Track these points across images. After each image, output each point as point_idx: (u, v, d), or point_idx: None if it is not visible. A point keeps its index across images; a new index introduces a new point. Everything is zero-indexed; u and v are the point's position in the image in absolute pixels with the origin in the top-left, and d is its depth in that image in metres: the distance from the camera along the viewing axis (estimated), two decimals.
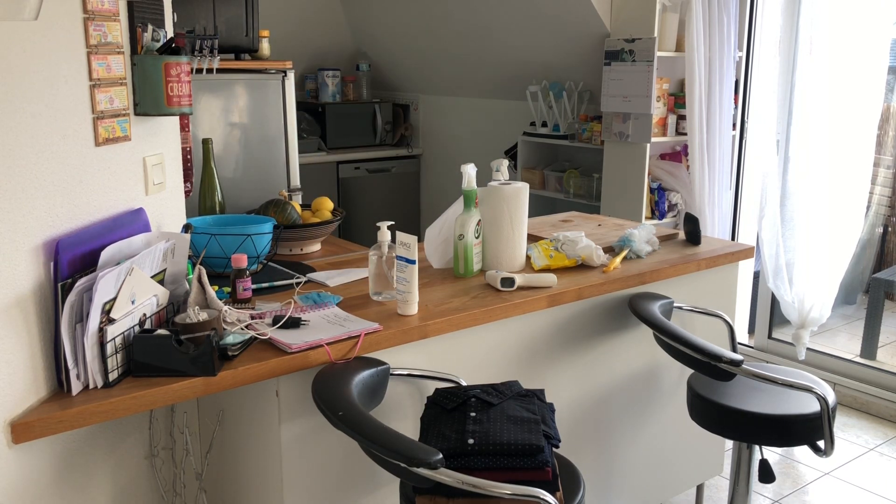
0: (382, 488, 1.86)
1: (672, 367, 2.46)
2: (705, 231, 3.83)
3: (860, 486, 2.97)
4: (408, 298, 1.86)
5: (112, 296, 1.48)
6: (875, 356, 3.95)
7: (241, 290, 1.87)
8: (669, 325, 2.07)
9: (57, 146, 1.49)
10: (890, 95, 4.16)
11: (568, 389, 2.22)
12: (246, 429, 1.81)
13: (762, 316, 4.00)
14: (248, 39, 3.04)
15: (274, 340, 1.67)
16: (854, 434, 3.38)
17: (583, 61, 4.11)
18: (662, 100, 3.77)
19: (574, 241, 2.30)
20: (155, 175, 1.81)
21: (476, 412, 1.58)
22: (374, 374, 1.69)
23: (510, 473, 1.46)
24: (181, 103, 1.75)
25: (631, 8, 3.71)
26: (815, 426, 1.96)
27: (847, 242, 3.53)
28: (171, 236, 1.71)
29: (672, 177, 3.92)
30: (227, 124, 3.02)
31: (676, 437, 2.57)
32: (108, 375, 1.48)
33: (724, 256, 2.52)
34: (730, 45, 3.76)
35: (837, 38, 3.41)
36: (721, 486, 2.93)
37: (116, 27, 1.63)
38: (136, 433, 1.80)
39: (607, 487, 2.42)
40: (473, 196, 2.16)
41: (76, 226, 1.54)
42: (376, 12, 5.06)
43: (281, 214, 2.52)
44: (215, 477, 1.97)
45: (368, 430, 1.43)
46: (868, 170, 3.46)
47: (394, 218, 2.50)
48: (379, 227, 1.96)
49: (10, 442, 1.39)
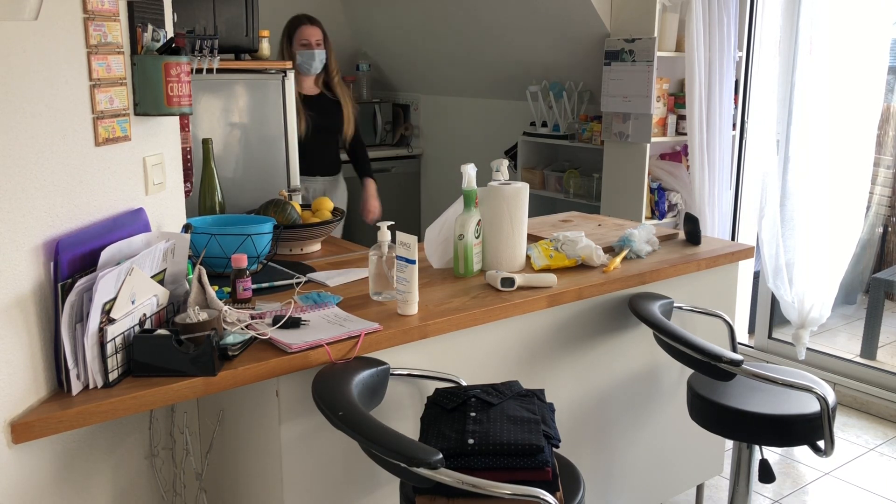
0: (382, 488, 1.86)
1: (672, 367, 2.46)
2: (705, 231, 3.83)
3: (860, 486, 2.97)
4: (408, 298, 1.86)
5: (112, 296, 1.48)
6: (875, 356, 3.95)
7: (241, 290, 1.87)
8: (669, 325, 2.07)
9: (57, 146, 1.49)
10: (890, 95, 4.16)
11: (568, 389, 2.22)
12: (246, 429, 1.81)
13: (762, 316, 4.00)
14: (248, 39, 3.03)
15: (274, 340, 1.67)
16: (854, 434, 3.38)
17: (583, 61, 4.11)
18: (662, 100, 3.77)
19: (574, 241, 2.30)
20: (155, 175, 1.81)
21: (476, 412, 1.58)
22: (374, 374, 1.69)
23: (510, 473, 1.46)
24: (181, 103, 1.75)
25: (631, 8, 3.71)
26: (815, 426, 1.96)
27: (847, 242, 3.53)
28: (171, 236, 1.71)
29: (672, 177, 3.92)
30: (227, 124, 3.02)
31: (676, 437, 2.57)
32: (108, 375, 1.48)
33: (724, 256, 2.52)
34: (730, 45, 3.76)
35: (837, 38, 3.41)
36: (721, 486, 2.93)
37: (116, 27, 1.63)
38: (136, 433, 1.80)
39: (607, 487, 2.42)
40: (473, 196, 2.16)
41: (76, 226, 1.54)
42: (376, 12, 5.06)
43: (281, 214, 2.52)
44: (215, 477, 1.97)
45: (368, 430, 1.43)
46: (868, 170, 3.46)
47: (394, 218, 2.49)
48: (379, 227, 1.96)
49: (10, 442, 1.39)
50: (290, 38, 3.37)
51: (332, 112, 3.48)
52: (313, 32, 3.35)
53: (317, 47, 3.35)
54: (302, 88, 3.37)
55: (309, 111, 3.36)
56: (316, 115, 3.38)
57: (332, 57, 3.46)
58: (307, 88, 3.43)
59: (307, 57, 3.34)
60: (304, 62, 3.35)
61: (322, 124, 3.41)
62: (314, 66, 3.38)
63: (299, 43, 3.34)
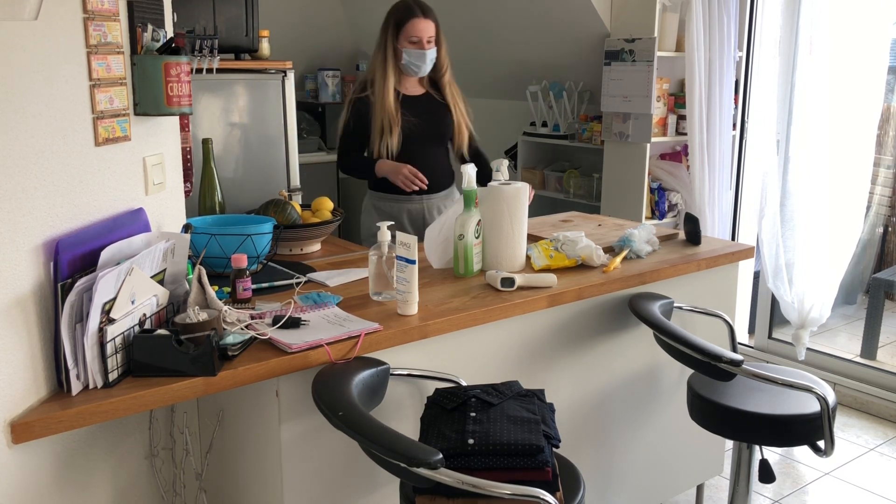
0: (382, 488, 1.86)
1: (672, 367, 2.46)
2: (705, 231, 3.83)
3: (860, 486, 2.97)
4: (408, 298, 1.86)
5: (112, 296, 1.48)
6: (875, 356, 3.95)
7: (241, 290, 1.87)
8: (669, 325, 2.07)
9: (57, 146, 1.49)
10: (890, 95, 4.16)
11: (568, 389, 2.22)
12: (246, 429, 1.81)
13: (762, 316, 4.00)
14: (248, 39, 3.04)
15: (274, 340, 1.67)
16: (854, 434, 3.38)
17: (583, 61, 4.11)
18: (662, 100, 3.77)
19: (574, 241, 2.30)
20: (155, 175, 1.81)
21: (476, 412, 1.58)
22: (374, 374, 1.69)
23: (510, 473, 1.46)
24: (181, 103, 1.75)
25: (631, 8, 3.71)
26: (815, 426, 1.96)
27: (847, 242, 3.53)
28: (171, 236, 1.71)
29: (672, 177, 3.92)
30: (227, 124, 3.02)
31: (676, 437, 2.57)
32: (108, 375, 1.48)
33: (724, 256, 2.52)
34: (730, 45, 3.76)
35: (837, 38, 3.41)
36: (721, 486, 2.93)
37: (116, 27, 1.63)
38: (136, 433, 1.80)
39: (607, 487, 2.42)
40: (473, 196, 2.16)
41: (76, 226, 1.54)
42: (376, 12, 5.04)
43: (281, 214, 2.52)
44: (215, 477, 1.97)
45: (368, 430, 1.43)
46: (868, 170, 3.46)
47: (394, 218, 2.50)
48: (379, 227, 1.96)
49: (10, 442, 1.39)
50: (398, 29, 2.79)
51: (440, 116, 2.90)
52: (426, 28, 2.77)
53: (428, 46, 2.79)
54: (402, 86, 2.86)
55: (410, 115, 2.81)
56: (419, 119, 2.83)
57: (444, 51, 2.90)
58: (409, 87, 2.89)
59: (416, 57, 2.78)
60: (411, 62, 2.79)
61: (426, 130, 2.85)
62: (423, 68, 2.82)
63: (408, 39, 2.76)
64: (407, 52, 2.77)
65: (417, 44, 2.76)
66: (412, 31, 2.75)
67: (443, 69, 2.90)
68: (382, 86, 2.79)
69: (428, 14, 2.80)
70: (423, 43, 2.77)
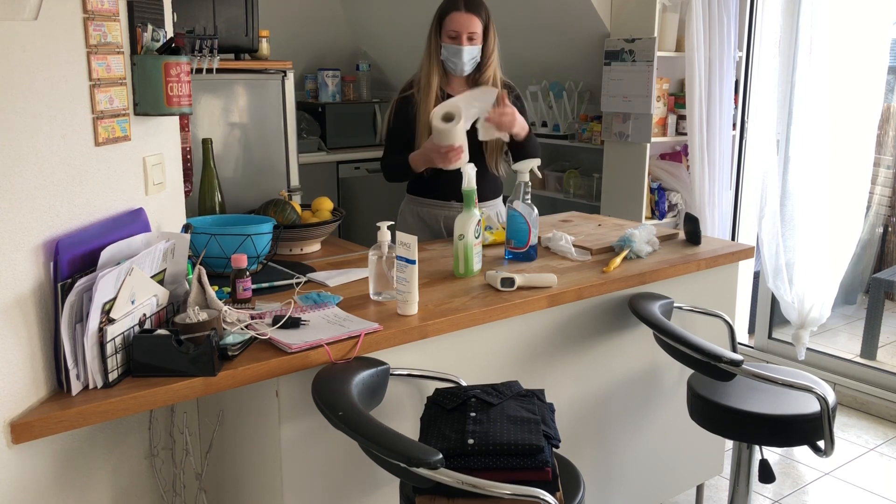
0: (382, 488, 1.86)
1: (672, 367, 2.46)
2: (705, 231, 3.83)
3: (860, 486, 2.97)
4: (408, 298, 1.86)
5: (112, 296, 1.48)
6: (875, 356, 3.95)
7: (241, 290, 1.87)
8: (669, 325, 2.07)
9: (57, 146, 1.49)
10: (890, 95, 4.16)
11: (568, 389, 2.22)
12: (246, 429, 1.81)
13: (762, 316, 4.00)
14: (248, 39, 3.04)
15: (274, 340, 1.67)
16: (854, 434, 3.38)
17: (583, 61, 4.11)
18: (662, 100, 3.77)
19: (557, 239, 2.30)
20: (155, 175, 1.81)
21: (476, 412, 1.58)
22: (373, 374, 1.69)
23: (510, 473, 1.46)
24: (181, 103, 1.75)
25: (631, 8, 3.71)
26: (815, 426, 1.96)
27: (847, 242, 3.53)
28: (171, 236, 1.71)
29: (672, 177, 3.92)
30: (227, 124, 3.02)
31: (676, 437, 2.57)
32: (108, 375, 1.48)
33: (724, 256, 2.52)
34: (730, 45, 3.76)
35: (837, 38, 3.41)
36: (721, 486, 2.93)
37: (116, 27, 1.63)
38: (136, 433, 1.80)
39: (607, 487, 2.42)
40: (473, 196, 2.16)
41: (76, 226, 1.54)
42: (376, 12, 5.06)
43: (281, 214, 2.52)
44: (215, 477, 1.97)
45: (368, 430, 1.43)
46: (868, 170, 3.46)
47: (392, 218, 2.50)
48: (379, 227, 1.96)
49: (9, 442, 1.39)
50: (440, 23, 2.60)
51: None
52: (467, 22, 2.54)
53: (468, 42, 2.56)
54: (448, 86, 2.67)
55: None
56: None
57: (491, 52, 2.65)
58: (455, 87, 2.67)
59: (452, 53, 2.57)
60: (448, 59, 2.59)
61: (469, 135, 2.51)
62: (460, 66, 2.59)
63: (447, 33, 2.57)
64: (445, 48, 2.58)
65: (455, 39, 2.56)
66: (451, 24, 2.55)
67: (484, 69, 2.64)
68: (427, 84, 2.63)
69: (472, 9, 2.56)
70: (461, 38, 2.55)
